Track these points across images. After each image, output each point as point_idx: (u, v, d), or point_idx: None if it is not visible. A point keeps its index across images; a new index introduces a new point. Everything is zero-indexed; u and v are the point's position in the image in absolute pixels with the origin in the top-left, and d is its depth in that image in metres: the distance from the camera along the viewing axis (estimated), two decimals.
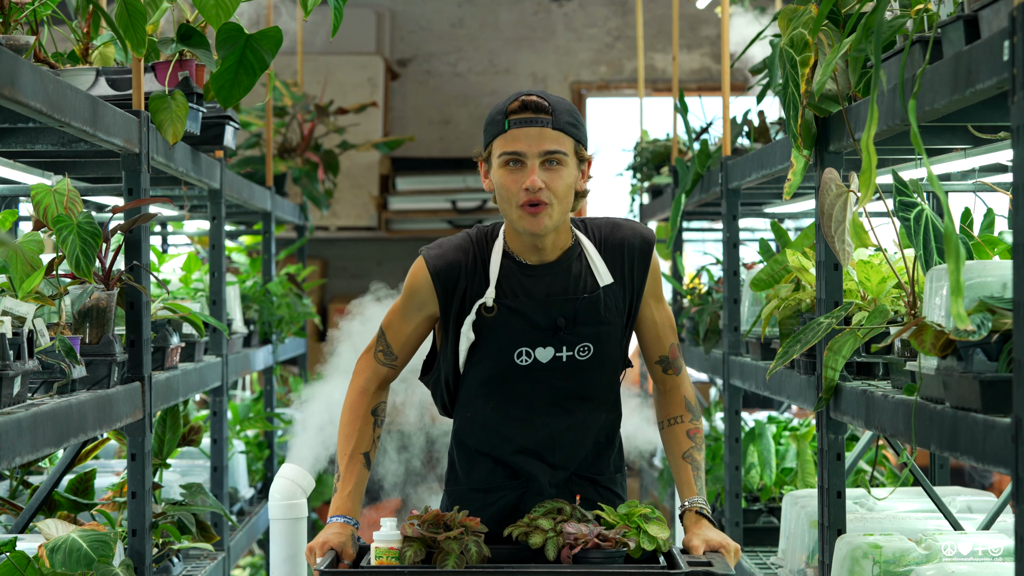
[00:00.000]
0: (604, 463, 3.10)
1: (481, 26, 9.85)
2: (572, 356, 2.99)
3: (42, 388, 2.95)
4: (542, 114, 2.90)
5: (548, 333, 2.98)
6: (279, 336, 6.19)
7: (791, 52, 2.98)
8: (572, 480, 3.07)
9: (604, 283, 3.00)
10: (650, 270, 3.06)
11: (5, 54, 2.44)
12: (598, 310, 2.99)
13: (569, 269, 3.01)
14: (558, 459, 3.05)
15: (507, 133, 2.90)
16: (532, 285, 2.99)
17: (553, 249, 3.00)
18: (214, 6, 3.20)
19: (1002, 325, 2.24)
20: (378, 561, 2.82)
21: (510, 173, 2.90)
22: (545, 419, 3.02)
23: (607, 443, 3.11)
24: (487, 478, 3.08)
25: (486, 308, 2.98)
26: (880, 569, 3.07)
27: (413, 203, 9.31)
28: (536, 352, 2.98)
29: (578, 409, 3.03)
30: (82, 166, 3.88)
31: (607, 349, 3.02)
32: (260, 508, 5.64)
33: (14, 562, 3.01)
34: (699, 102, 6.38)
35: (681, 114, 5.95)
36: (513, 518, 3.00)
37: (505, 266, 3.01)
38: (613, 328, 3.02)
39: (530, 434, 3.03)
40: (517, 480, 3.06)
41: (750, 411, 5.82)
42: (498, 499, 3.06)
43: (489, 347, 3.00)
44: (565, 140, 2.91)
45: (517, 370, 2.99)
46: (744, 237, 6.20)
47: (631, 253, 3.04)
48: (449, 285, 3.00)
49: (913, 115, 2.23)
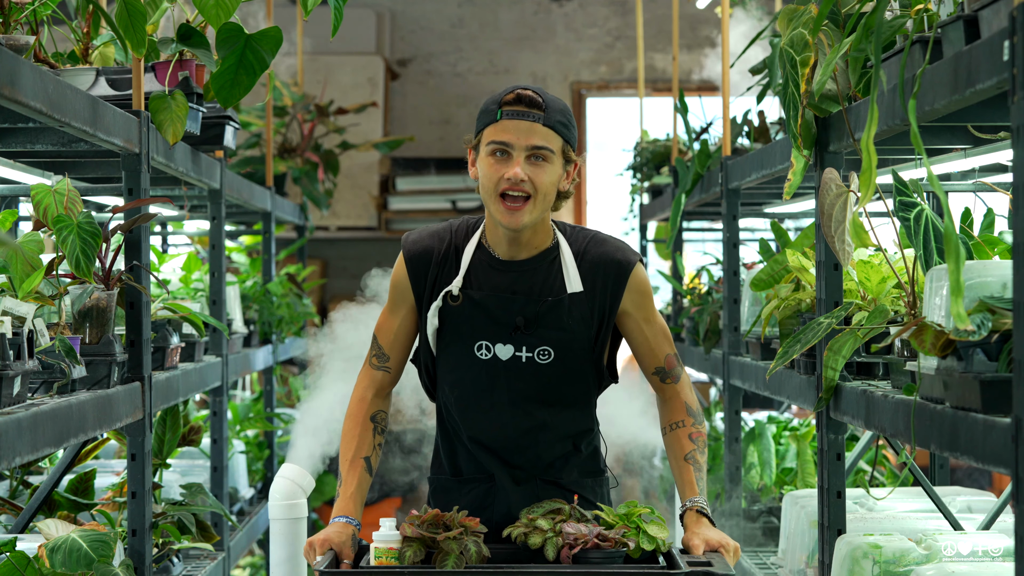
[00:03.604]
0: (569, 469, 3.11)
1: (481, 26, 9.85)
2: (532, 358, 3.01)
3: (42, 388, 2.95)
4: (535, 109, 2.93)
5: (507, 330, 3.01)
6: (279, 336, 6.19)
7: (791, 52, 2.98)
8: (536, 483, 3.08)
9: (572, 290, 3.00)
10: (633, 290, 3.04)
11: (5, 54, 2.44)
12: (560, 316, 3.00)
13: (539, 270, 3.02)
14: (516, 459, 3.07)
15: (498, 123, 2.94)
16: (499, 280, 3.02)
17: (529, 247, 3.02)
18: (214, 6, 3.20)
19: (1002, 325, 2.24)
20: (378, 561, 2.82)
21: (496, 162, 2.94)
22: (503, 418, 3.04)
23: (574, 450, 3.11)
24: (463, 466, 3.11)
25: (452, 297, 3.02)
26: (880, 569, 3.07)
27: (413, 203, 9.31)
28: (496, 348, 3.02)
29: (537, 413, 3.04)
30: (82, 166, 3.88)
31: (570, 357, 3.02)
32: (260, 508, 5.64)
33: (14, 562, 3.01)
34: (699, 102, 6.38)
35: (681, 114, 5.95)
36: (484, 510, 3.03)
37: (477, 258, 3.04)
38: (576, 337, 3.01)
39: (488, 431, 3.06)
40: (484, 474, 3.09)
41: (750, 411, 5.82)
42: (471, 490, 3.09)
43: (452, 336, 3.04)
44: (554, 138, 2.94)
45: (478, 363, 3.03)
46: (744, 237, 6.20)
47: (607, 270, 3.03)
48: (420, 270, 3.05)
49: (913, 115, 2.23)
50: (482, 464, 3.09)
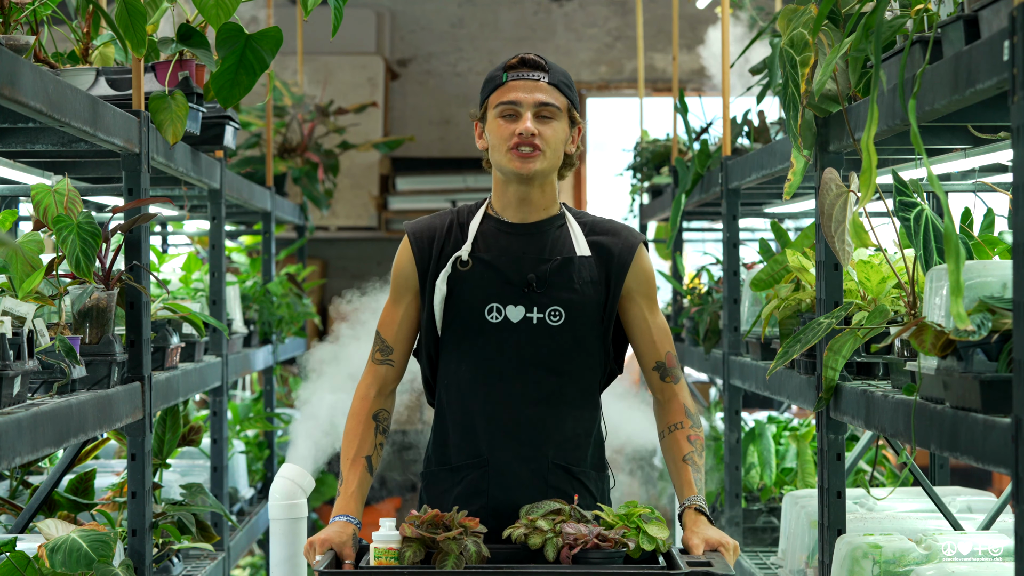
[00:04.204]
0: (581, 455, 3.10)
1: (481, 26, 9.85)
2: (543, 319, 3.05)
3: (42, 388, 2.95)
4: (539, 70, 3.06)
5: (519, 291, 3.05)
6: (279, 336, 6.19)
7: (791, 52, 2.98)
8: (547, 468, 3.06)
9: (581, 253, 3.08)
10: (639, 269, 3.11)
11: (5, 54, 2.44)
12: (571, 275, 3.06)
13: (547, 233, 3.09)
14: (525, 435, 3.05)
15: (504, 85, 3.05)
16: (509, 243, 3.08)
17: (538, 208, 3.09)
18: (214, 6, 3.20)
19: (1002, 325, 2.23)
20: (377, 561, 2.82)
21: (505, 122, 3.04)
22: (513, 388, 3.05)
23: (584, 436, 3.11)
24: (452, 455, 3.10)
25: (461, 262, 3.06)
26: (880, 569, 3.07)
27: (413, 203, 9.31)
28: (507, 310, 3.05)
29: (546, 381, 3.05)
30: (82, 166, 3.88)
31: (580, 321, 3.05)
32: (260, 508, 5.64)
33: (14, 562, 3.01)
34: (699, 102, 6.38)
35: (681, 114, 5.95)
36: (478, 495, 3.04)
37: (485, 225, 3.11)
38: (586, 300, 3.06)
39: (498, 403, 3.05)
40: (479, 458, 3.07)
41: (750, 411, 5.82)
42: (463, 477, 3.08)
43: (461, 301, 3.06)
44: (559, 96, 3.05)
45: (488, 328, 3.04)
46: (744, 237, 6.20)
47: (615, 240, 3.11)
48: (424, 244, 3.10)
49: (913, 115, 2.23)
50: (477, 447, 3.06)
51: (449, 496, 3.06)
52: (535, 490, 3.04)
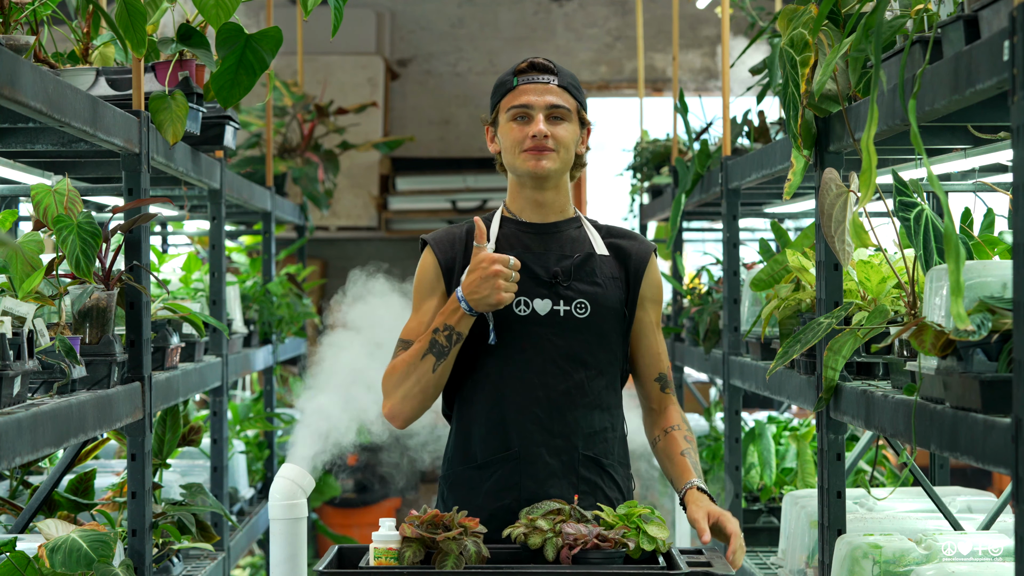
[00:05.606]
0: (608, 448, 3.12)
1: (481, 26, 9.85)
2: (570, 311, 3.09)
3: (42, 388, 2.95)
4: (548, 74, 3.12)
5: (545, 284, 3.09)
6: (279, 336, 6.19)
7: (791, 52, 2.98)
8: (578, 460, 3.07)
9: (600, 252, 3.14)
10: (653, 276, 3.20)
11: (5, 54, 2.44)
12: (593, 269, 3.12)
13: (566, 232, 3.16)
14: (555, 427, 3.06)
15: (515, 89, 3.12)
16: (531, 241, 3.14)
17: (554, 209, 3.15)
18: (214, 6, 3.20)
19: (1002, 325, 2.24)
20: (377, 562, 2.82)
21: (518, 125, 3.10)
22: (542, 379, 3.06)
23: (611, 430, 3.13)
24: (478, 452, 3.09)
25: None
26: (880, 569, 3.07)
27: (413, 203, 9.32)
28: (534, 303, 3.08)
29: (575, 374, 3.08)
30: (82, 166, 3.88)
31: (604, 315, 3.10)
32: (260, 508, 5.64)
33: (14, 562, 3.01)
34: (699, 102, 6.38)
35: (681, 114, 5.95)
36: (511, 489, 3.03)
37: (505, 228, 3.17)
38: (608, 294, 3.11)
39: (527, 395, 3.06)
40: (510, 451, 3.06)
41: (750, 411, 5.82)
42: (492, 473, 3.07)
43: None
44: (569, 98, 3.12)
45: (516, 321, 3.07)
46: (744, 237, 6.20)
47: (630, 245, 3.19)
48: (446, 246, 3.15)
49: (913, 115, 2.23)
50: (507, 440, 3.06)
51: (477, 493, 3.05)
52: (567, 482, 3.05)
